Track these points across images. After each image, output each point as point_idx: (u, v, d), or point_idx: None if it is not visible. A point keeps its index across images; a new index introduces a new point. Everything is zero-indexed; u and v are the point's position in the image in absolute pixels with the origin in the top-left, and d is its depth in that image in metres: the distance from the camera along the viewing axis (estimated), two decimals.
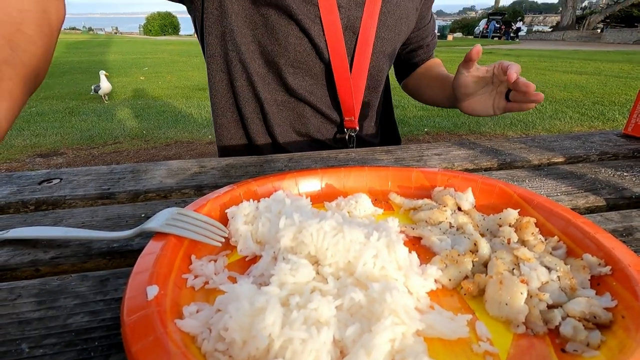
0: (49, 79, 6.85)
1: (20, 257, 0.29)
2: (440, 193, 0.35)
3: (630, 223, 0.34)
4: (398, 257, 0.24)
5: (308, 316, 0.19)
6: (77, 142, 3.44)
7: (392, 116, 0.81)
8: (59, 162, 2.99)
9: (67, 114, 4.46)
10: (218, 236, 0.29)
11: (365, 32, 0.61)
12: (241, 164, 0.48)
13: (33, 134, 3.68)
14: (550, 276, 0.24)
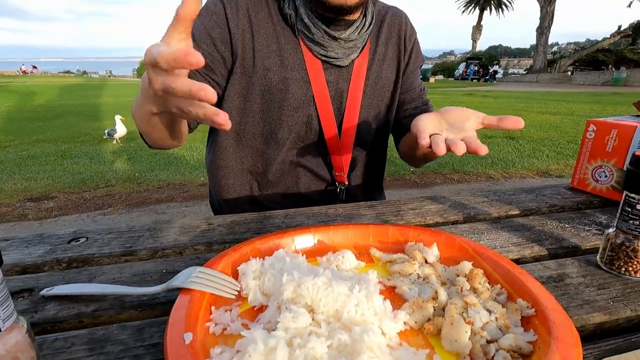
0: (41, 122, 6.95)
1: (66, 311, 0.35)
2: (412, 247, 0.43)
3: (564, 270, 0.42)
4: (374, 305, 0.31)
5: (307, 354, 0.26)
6: (68, 186, 3.46)
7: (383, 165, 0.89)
8: (49, 206, 2.99)
9: (59, 157, 4.49)
10: (232, 290, 0.35)
11: (352, 101, 0.72)
12: (244, 220, 0.55)
13: (24, 177, 3.68)
14: (490, 317, 0.31)
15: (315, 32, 0.66)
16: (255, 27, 0.67)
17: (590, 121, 0.64)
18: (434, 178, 3.65)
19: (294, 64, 0.68)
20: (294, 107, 0.69)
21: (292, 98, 0.69)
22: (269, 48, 0.67)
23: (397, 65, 0.78)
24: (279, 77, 0.67)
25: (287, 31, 0.68)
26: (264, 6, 0.68)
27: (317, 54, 0.68)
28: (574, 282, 0.40)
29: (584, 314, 0.35)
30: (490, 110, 8.35)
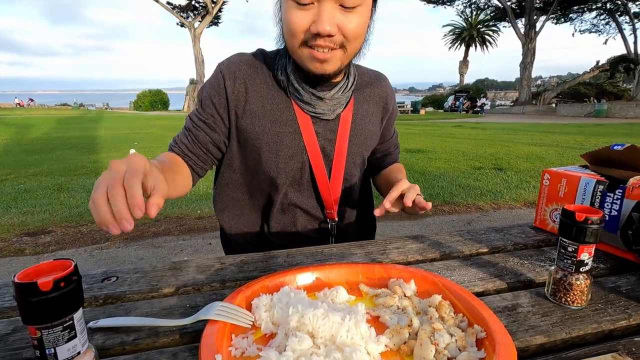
0: (37, 155, 7.02)
1: (111, 340, 0.43)
2: (394, 283, 0.52)
3: (517, 301, 0.51)
4: (362, 331, 0.40)
5: None
6: (65, 220, 3.48)
7: (370, 200, 1.00)
8: (46, 240, 3.01)
9: (56, 190, 4.51)
10: (248, 320, 0.44)
11: (339, 149, 0.84)
12: (251, 260, 0.64)
13: (20, 212, 3.70)
14: (451, 340, 0.40)
15: (304, 94, 0.78)
16: (251, 92, 0.79)
17: (545, 170, 0.75)
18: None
19: (286, 120, 0.80)
20: (289, 155, 0.81)
21: (287, 148, 0.80)
22: (264, 108, 0.79)
23: (380, 122, 0.91)
24: (274, 132, 0.79)
25: (281, 93, 0.80)
26: (260, 74, 0.81)
27: (307, 111, 0.80)
28: (524, 311, 0.49)
29: (528, 336, 0.44)
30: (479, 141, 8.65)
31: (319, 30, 0.66)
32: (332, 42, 0.68)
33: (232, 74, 0.79)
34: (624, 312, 0.49)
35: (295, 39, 0.69)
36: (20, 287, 0.30)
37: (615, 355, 0.40)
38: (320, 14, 0.65)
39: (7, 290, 0.55)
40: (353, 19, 0.68)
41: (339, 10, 0.67)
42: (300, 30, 0.68)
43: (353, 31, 0.69)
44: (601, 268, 0.62)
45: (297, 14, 0.67)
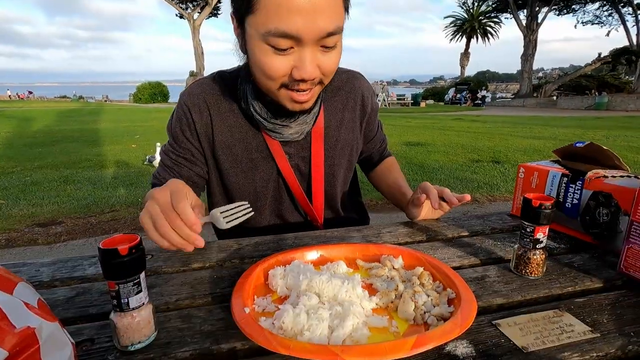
0: (40, 148, 7.12)
1: (157, 301, 0.54)
2: (384, 259, 0.63)
3: (486, 273, 0.62)
4: (357, 293, 0.51)
5: (318, 317, 0.45)
6: (74, 211, 3.59)
7: (359, 199, 1.05)
8: (58, 231, 3.13)
9: (62, 182, 4.62)
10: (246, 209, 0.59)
11: (316, 166, 0.85)
12: (264, 241, 0.75)
13: (30, 203, 3.81)
14: (428, 299, 0.51)
15: (268, 124, 0.77)
16: (217, 123, 0.79)
17: (520, 165, 0.86)
18: None
19: (257, 146, 0.81)
20: (265, 179, 0.83)
21: (262, 173, 0.83)
22: (233, 137, 0.80)
23: (359, 126, 0.90)
24: (247, 159, 0.81)
25: (247, 119, 0.80)
26: (223, 102, 0.80)
27: (274, 137, 0.80)
28: (490, 280, 0.60)
29: (491, 298, 0.55)
30: (478, 134, 8.73)
31: (304, 77, 0.63)
32: (312, 83, 0.67)
33: (197, 107, 0.79)
34: (572, 281, 0.59)
35: (274, 83, 0.66)
36: (105, 252, 0.40)
37: (556, 311, 0.51)
38: (303, 60, 0.62)
39: (63, 265, 0.66)
40: (332, 56, 0.66)
41: (320, 52, 0.64)
42: (279, 76, 0.64)
43: (332, 67, 0.67)
44: (562, 247, 0.73)
45: (275, 59, 0.63)
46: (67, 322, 0.49)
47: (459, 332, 0.42)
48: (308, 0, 0.57)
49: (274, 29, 0.59)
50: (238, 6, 0.64)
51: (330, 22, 0.61)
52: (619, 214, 0.67)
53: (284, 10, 0.58)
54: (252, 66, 0.68)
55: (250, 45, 0.65)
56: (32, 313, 0.32)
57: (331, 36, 0.62)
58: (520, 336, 0.46)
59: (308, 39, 0.61)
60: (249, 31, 0.64)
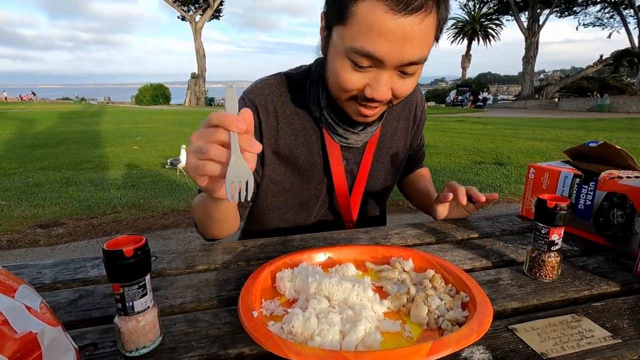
0: (43, 149, 7.13)
1: (161, 305, 0.53)
2: (394, 261, 0.61)
3: (499, 276, 0.60)
4: (368, 296, 0.49)
5: (329, 321, 0.44)
6: (76, 212, 3.59)
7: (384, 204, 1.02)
8: (59, 232, 3.12)
9: (64, 184, 4.62)
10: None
11: (363, 171, 0.85)
12: (270, 242, 0.74)
13: (32, 204, 3.81)
14: (441, 303, 0.49)
15: (338, 129, 0.78)
16: (282, 125, 0.79)
17: (530, 165, 0.84)
18: None
19: (317, 150, 0.81)
20: (321, 183, 0.84)
21: (319, 176, 0.83)
22: (297, 140, 0.80)
23: (408, 135, 0.92)
24: (307, 162, 0.81)
25: (311, 122, 0.80)
26: (289, 104, 0.79)
27: (337, 140, 0.80)
28: (504, 283, 0.58)
29: (505, 302, 0.53)
30: (480, 135, 8.70)
31: (375, 97, 0.64)
32: (381, 103, 0.67)
33: (264, 107, 0.78)
34: (588, 285, 0.58)
35: (345, 94, 0.67)
36: (110, 254, 0.39)
37: (574, 316, 0.49)
38: (379, 81, 0.63)
39: (65, 266, 0.64)
40: (409, 82, 0.66)
41: (397, 76, 0.64)
42: (353, 89, 0.65)
43: (405, 93, 0.67)
44: (575, 250, 0.71)
45: (352, 75, 0.63)
46: (69, 325, 0.48)
47: (476, 338, 0.41)
48: (400, 28, 0.57)
49: (359, 47, 0.59)
50: (331, 12, 0.64)
51: (416, 52, 0.60)
52: (634, 215, 0.65)
53: (375, 32, 0.58)
54: (329, 72, 0.69)
55: (331, 53, 0.66)
56: (34, 317, 0.31)
57: (413, 65, 0.62)
58: (538, 342, 0.44)
59: (390, 64, 0.61)
60: (335, 40, 0.64)
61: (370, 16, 0.57)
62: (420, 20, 0.57)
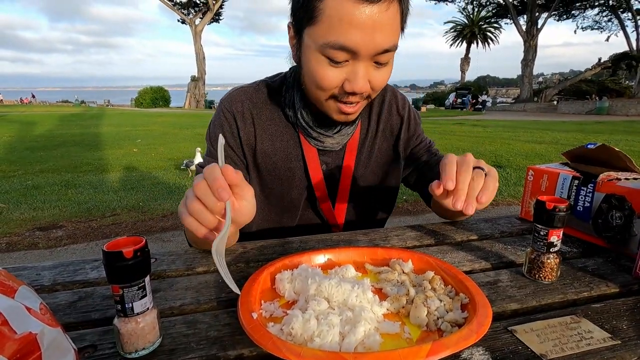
0: (42, 152, 7.13)
1: (161, 306, 0.53)
2: (394, 262, 0.61)
3: (498, 277, 0.60)
4: (368, 297, 0.49)
5: (328, 323, 0.44)
6: (75, 215, 3.58)
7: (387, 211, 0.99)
8: (59, 235, 3.12)
9: (63, 186, 4.62)
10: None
11: (345, 175, 0.85)
12: (270, 245, 0.74)
13: (31, 207, 3.81)
14: (441, 304, 0.49)
15: (312, 132, 0.79)
16: (259, 131, 0.80)
17: (529, 167, 0.84)
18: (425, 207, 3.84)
19: (296, 155, 0.82)
20: (301, 187, 0.84)
21: (299, 181, 0.84)
22: (274, 146, 0.81)
23: (393, 137, 0.90)
24: (285, 168, 0.82)
25: (288, 127, 0.82)
26: (265, 110, 0.81)
27: (314, 144, 0.81)
28: (503, 285, 0.58)
29: (504, 304, 0.53)
30: (480, 138, 8.72)
31: (355, 90, 0.65)
32: (361, 97, 0.69)
33: (241, 114, 0.79)
34: (587, 286, 0.58)
35: (325, 93, 0.68)
36: (110, 255, 0.39)
37: (573, 317, 0.49)
38: (356, 74, 0.64)
39: (64, 268, 0.64)
40: (384, 72, 0.67)
41: (373, 67, 0.66)
42: (331, 87, 0.66)
43: (382, 83, 0.69)
44: (574, 251, 0.71)
45: (330, 70, 0.64)
46: (68, 327, 0.48)
47: (476, 339, 0.41)
48: (369, 17, 0.59)
49: (333, 41, 0.61)
50: (299, 17, 0.66)
51: (388, 39, 0.62)
52: (633, 216, 0.66)
53: (345, 24, 0.60)
54: (305, 75, 0.71)
55: (305, 55, 0.67)
56: (33, 318, 0.31)
57: (386, 53, 0.64)
58: (537, 343, 0.44)
59: (364, 54, 0.62)
60: (307, 41, 0.66)
61: (338, 9, 0.59)
62: (385, 7, 0.60)
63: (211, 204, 0.51)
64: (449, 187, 0.57)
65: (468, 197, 0.57)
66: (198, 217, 0.52)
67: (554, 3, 24.33)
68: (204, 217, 0.52)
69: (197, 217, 0.53)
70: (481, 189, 0.58)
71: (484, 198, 0.57)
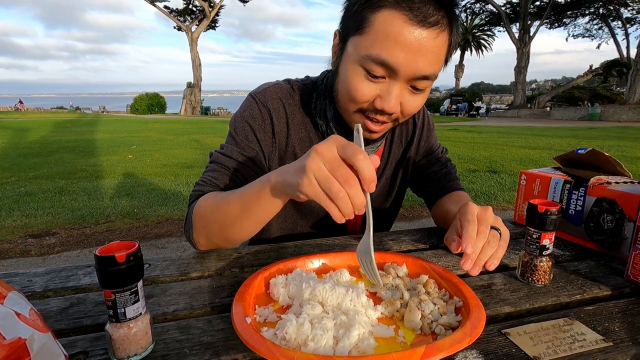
0: (36, 158, 7.07)
1: (154, 312, 0.52)
2: (388, 266, 0.61)
3: (493, 281, 0.61)
4: (362, 301, 0.49)
5: (322, 327, 0.44)
6: (68, 222, 3.55)
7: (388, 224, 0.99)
8: (51, 242, 3.08)
9: (57, 193, 4.57)
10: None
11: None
12: (264, 250, 0.73)
13: (23, 214, 3.76)
14: (435, 308, 0.49)
15: None
16: (292, 132, 0.78)
17: (522, 172, 0.85)
18: (421, 211, 3.86)
19: None
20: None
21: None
22: (302, 150, 0.79)
23: (406, 142, 0.88)
24: None
25: (318, 135, 0.80)
26: (298, 113, 0.79)
27: None
28: (497, 288, 0.58)
29: (498, 307, 0.53)
30: (475, 144, 8.78)
31: (385, 109, 0.64)
32: (389, 118, 0.68)
33: (277, 111, 0.77)
34: (580, 289, 0.58)
35: (354, 105, 0.67)
36: (102, 259, 0.39)
37: (566, 320, 0.50)
38: (390, 93, 0.63)
39: (56, 274, 0.64)
40: (418, 99, 0.67)
41: (408, 91, 0.65)
42: (363, 100, 0.65)
43: (413, 110, 0.68)
44: (567, 255, 0.72)
45: (365, 84, 0.64)
46: (60, 334, 0.47)
47: (469, 342, 0.41)
48: (417, 39, 0.59)
49: (375, 55, 0.61)
50: (347, 25, 0.66)
51: (430, 66, 0.62)
52: (624, 220, 0.66)
53: (392, 40, 0.59)
54: (340, 83, 0.69)
55: (344, 64, 0.67)
56: (23, 323, 0.30)
57: (424, 80, 0.64)
58: (531, 345, 0.44)
59: (402, 75, 0.62)
60: (349, 50, 0.65)
61: (388, 25, 0.59)
62: (435, 35, 0.60)
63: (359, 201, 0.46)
64: (468, 251, 0.57)
65: (478, 260, 0.59)
66: (340, 205, 0.46)
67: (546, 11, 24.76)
68: (347, 206, 0.46)
69: (339, 204, 0.46)
70: (491, 256, 0.59)
71: (492, 266, 0.59)
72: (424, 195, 0.94)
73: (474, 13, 31.76)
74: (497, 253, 0.59)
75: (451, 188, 0.88)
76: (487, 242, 0.58)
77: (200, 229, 0.69)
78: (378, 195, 0.90)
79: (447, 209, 0.81)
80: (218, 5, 26.18)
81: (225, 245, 0.70)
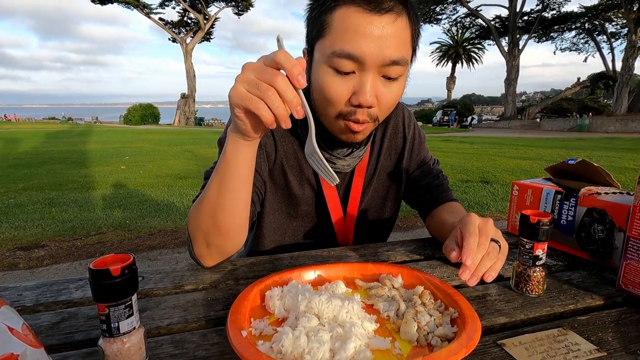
0: (26, 169, 6.98)
1: (148, 326, 0.52)
2: (384, 278, 0.61)
3: (487, 292, 0.61)
4: (358, 313, 0.49)
5: (319, 340, 0.43)
6: (59, 234, 3.49)
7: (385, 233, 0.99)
8: (40, 254, 3.02)
9: (47, 204, 4.50)
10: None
11: (354, 193, 0.85)
12: (259, 261, 0.73)
13: (12, 226, 3.69)
14: (430, 319, 0.49)
15: (324, 154, 0.78)
16: (279, 145, 0.80)
17: (514, 182, 0.86)
18: (415, 222, 3.86)
19: (307, 174, 0.82)
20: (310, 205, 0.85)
21: (308, 199, 0.84)
22: (289, 162, 0.81)
23: (396, 155, 0.89)
24: (298, 185, 0.82)
25: (301, 147, 0.81)
26: (288, 139, 0.81)
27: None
28: (492, 299, 0.59)
29: (493, 317, 0.53)
30: (467, 155, 8.87)
31: (361, 102, 0.63)
32: (369, 116, 0.67)
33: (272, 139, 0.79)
34: (573, 299, 0.59)
35: (333, 109, 0.67)
36: (96, 273, 0.38)
37: (560, 330, 0.50)
38: (363, 85, 0.63)
39: (47, 288, 0.62)
40: (393, 89, 0.66)
41: (381, 81, 0.65)
42: (340, 100, 0.65)
43: (391, 102, 0.67)
44: (559, 265, 0.72)
45: (336, 81, 0.64)
46: (51, 349, 0.46)
47: (465, 353, 0.41)
48: (376, 27, 0.61)
49: (339, 50, 0.62)
50: (311, 35, 0.67)
51: (396, 50, 0.62)
52: (614, 230, 0.68)
53: (351, 32, 0.61)
54: (314, 91, 0.70)
55: (314, 70, 0.68)
56: (16, 338, 0.30)
57: (394, 65, 0.63)
58: (526, 356, 0.45)
59: (371, 64, 0.62)
60: (316, 56, 0.67)
61: (345, 20, 0.61)
62: (392, 19, 0.61)
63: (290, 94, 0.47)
64: (468, 263, 0.56)
65: (476, 271, 0.58)
66: (271, 102, 0.47)
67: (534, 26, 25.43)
68: (278, 107, 0.47)
69: (269, 102, 0.47)
70: (489, 268, 0.58)
71: (490, 278, 0.58)
72: (417, 206, 0.95)
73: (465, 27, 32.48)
74: (496, 265, 0.59)
75: (445, 199, 0.89)
76: (486, 253, 0.58)
77: (197, 235, 0.66)
78: (370, 206, 0.91)
79: (442, 220, 0.81)
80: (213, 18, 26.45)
81: (225, 243, 0.66)
